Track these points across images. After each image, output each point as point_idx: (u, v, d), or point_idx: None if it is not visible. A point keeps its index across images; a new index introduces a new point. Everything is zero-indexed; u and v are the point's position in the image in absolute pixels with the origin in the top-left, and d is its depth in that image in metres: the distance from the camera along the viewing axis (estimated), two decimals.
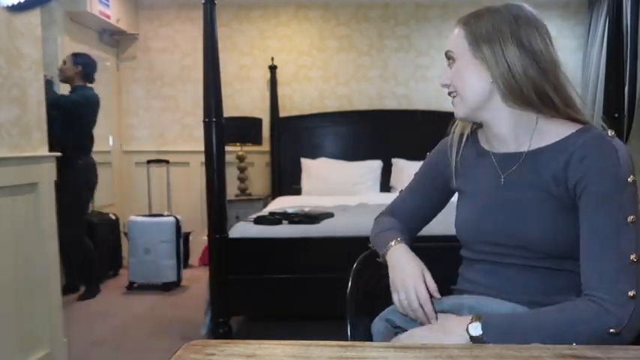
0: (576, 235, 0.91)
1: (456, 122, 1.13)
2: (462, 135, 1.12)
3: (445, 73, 1.04)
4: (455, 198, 1.18)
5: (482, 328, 0.88)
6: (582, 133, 0.94)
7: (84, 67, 3.47)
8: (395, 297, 1.04)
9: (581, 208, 0.91)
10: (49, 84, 3.21)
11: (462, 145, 1.11)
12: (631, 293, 0.83)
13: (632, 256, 0.84)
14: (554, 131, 0.97)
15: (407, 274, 1.02)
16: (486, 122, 1.02)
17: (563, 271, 0.94)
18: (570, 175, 0.92)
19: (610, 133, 0.93)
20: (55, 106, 3.22)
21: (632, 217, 0.86)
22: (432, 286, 1.02)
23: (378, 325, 1.08)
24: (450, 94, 1.05)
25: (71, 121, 3.35)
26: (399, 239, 1.10)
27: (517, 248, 0.98)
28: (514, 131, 1.00)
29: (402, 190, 1.26)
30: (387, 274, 1.07)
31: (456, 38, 1.01)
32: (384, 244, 1.11)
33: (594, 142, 0.91)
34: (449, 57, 1.03)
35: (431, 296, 1.00)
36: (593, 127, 0.95)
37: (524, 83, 0.94)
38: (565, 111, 0.96)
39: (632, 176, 0.88)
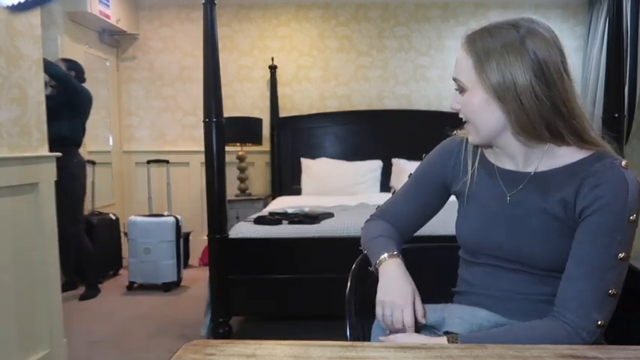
0: None
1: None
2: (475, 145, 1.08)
3: (455, 98, 1.00)
4: (453, 198, 1.16)
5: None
6: (595, 159, 0.92)
7: (77, 72, 3.54)
8: (379, 310, 1.03)
9: (579, 231, 0.91)
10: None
11: (478, 156, 1.07)
12: (600, 322, 0.88)
13: (612, 291, 0.88)
14: (565, 154, 0.95)
15: (398, 294, 1.01)
16: (499, 146, 1.00)
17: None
18: (579, 201, 0.92)
19: (624, 163, 0.91)
20: (63, 80, 3.30)
21: (622, 254, 0.88)
22: (420, 311, 1.01)
23: (379, 323, 1.08)
24: (461, 119, 1.01)
25: (71, 108, 3.43)
26: (394, 252, 1.07)
27: (519, 263, 0.98)
28: (525, 154, 0.98)
29: (394, 192, 1.22)
30: None
31: (463, 66, 0.96)
32: (377, 254, 1.09)
33: (607, 172, 0.90)
34: (458, 85, 0.98)
35: (417, 322, 1.00)
36: (607, 153, 0.93)
37: (536, 120, 0.91)
38: (575, 141, 0.94)
39: (635, 215, 0.88)
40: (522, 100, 0.90)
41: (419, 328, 1.02)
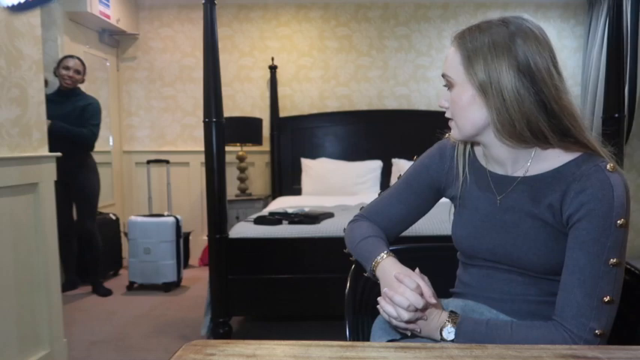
0: None
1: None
2: (464, 146, 1.08)
3: (444, 95, 1.01)
4: (443, 200, 1.15)
5: (455, 335, 0.92)
6: (581, 163, 0.91)
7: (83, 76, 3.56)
8: (389, 309, 0.95)
9: (569, 239, 0.91)
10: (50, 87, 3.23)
11: (467, 159, 1.07)
12: (598, 332, 0.87)
13: (607, 298, 0.87)
14: (552, 157, 0.94)
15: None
16: (484, 144, 1.00)
17: (558, 281, 0.94)
18: (565, 207, 0.91)
19: (609, 166, 0.89)
20: (75, 137, 3.37)
21: (614, 260, 0.87)
22: (428, 292, 0.97)
23: (379, 323, 1.08)
24: (446, 116, 1.01)
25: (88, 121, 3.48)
26: (388, 252, 1.04)
27: (513, 266, 0.99)
28: (512, 156, 0.97)
29: (381, 193, 1.20)
30: None
31: (451, 62, 0.97)
32: (370, 257, 1.06)
33: (592, 177, 0.89)
34: (447, 81, 0.99)
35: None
36: (594, 156, 0.91)
37: (517, 118, 0.89)
38: (559, 144, 0.92)
39: (623, 219, 0.87)
40: (505, 97, 0.89)
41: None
